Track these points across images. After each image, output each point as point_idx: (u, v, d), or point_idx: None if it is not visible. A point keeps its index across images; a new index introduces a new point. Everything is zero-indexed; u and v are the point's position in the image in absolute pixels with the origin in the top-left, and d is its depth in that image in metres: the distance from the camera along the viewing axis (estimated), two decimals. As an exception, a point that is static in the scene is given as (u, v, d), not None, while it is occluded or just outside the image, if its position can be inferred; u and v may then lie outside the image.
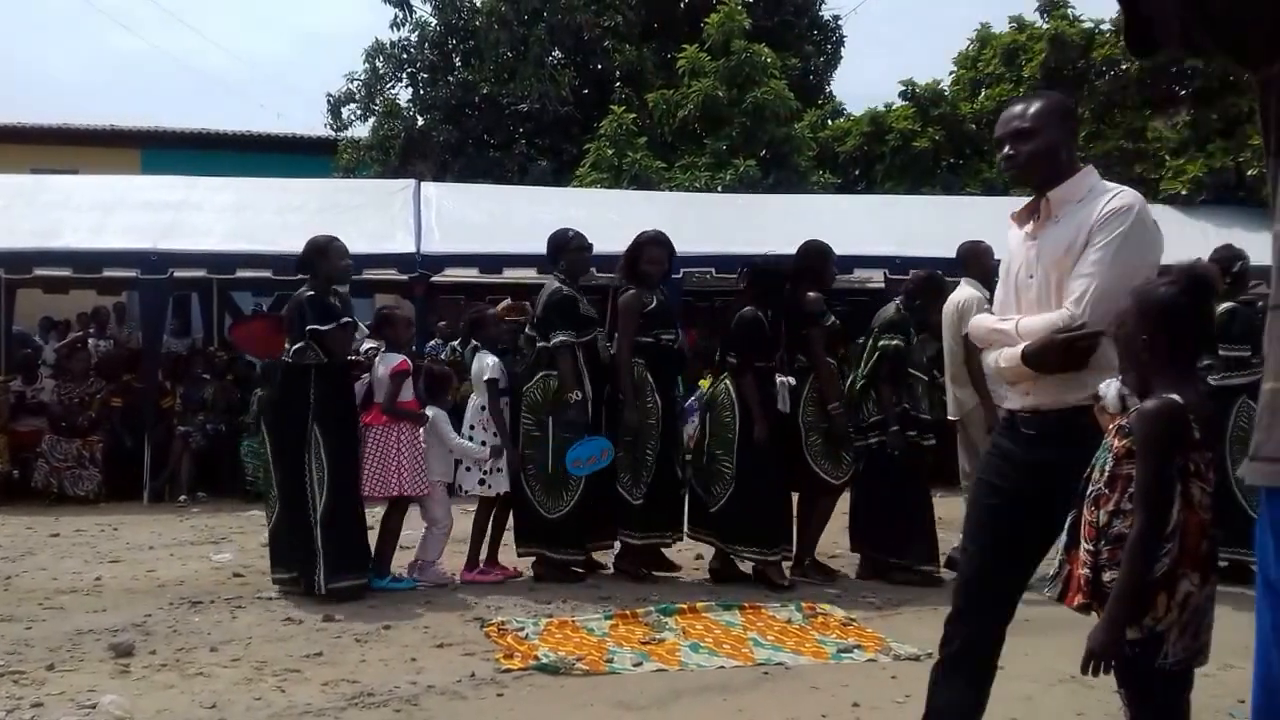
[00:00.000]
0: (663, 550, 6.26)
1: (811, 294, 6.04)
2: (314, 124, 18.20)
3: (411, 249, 9.55)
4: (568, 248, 6.17)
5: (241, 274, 9.77)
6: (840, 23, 19.71)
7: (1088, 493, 2.62)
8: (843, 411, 5.97)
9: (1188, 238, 9.27)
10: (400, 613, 5.27)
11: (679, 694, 4.14)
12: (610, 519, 6.03)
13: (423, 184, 11.24)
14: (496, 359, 6.15)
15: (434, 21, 17.75)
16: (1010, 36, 16.99)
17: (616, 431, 5.92)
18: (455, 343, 10.35)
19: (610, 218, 10.60)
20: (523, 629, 4.92)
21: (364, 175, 16.67)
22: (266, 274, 9.44)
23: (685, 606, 5.28)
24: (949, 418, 6.38)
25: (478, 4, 17.47)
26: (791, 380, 5.94)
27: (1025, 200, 3.16)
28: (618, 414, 5.94)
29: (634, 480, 5.93)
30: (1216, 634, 2.56)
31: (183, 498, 9.29)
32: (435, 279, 10.08)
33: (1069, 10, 16.58)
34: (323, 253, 5.88)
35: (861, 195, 15.05)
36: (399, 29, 17.71)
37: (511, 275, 10.34)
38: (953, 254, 6.61)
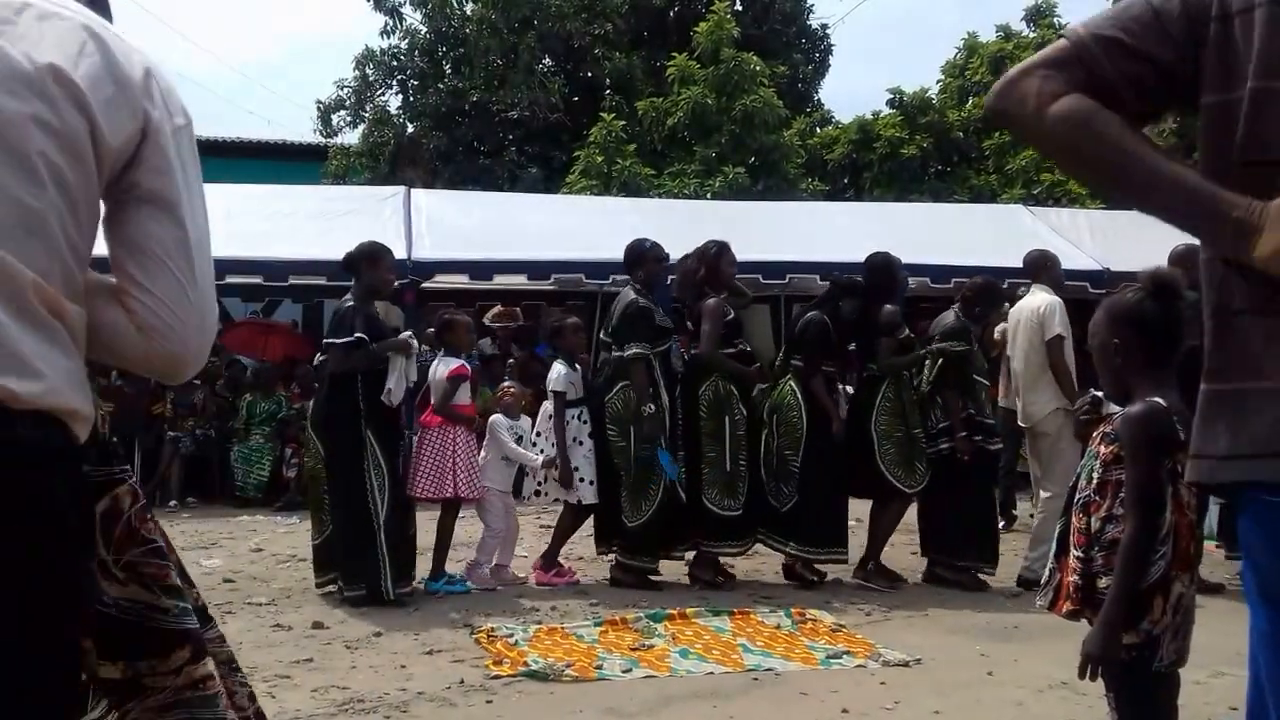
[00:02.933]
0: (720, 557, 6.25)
1: (888, 306, 6.14)
2: (304, 131, 18.17)
3: (402, 256, 9.51)
4: (645, 258, 6.17)
5: (231, 280, 9.75)
6: (828, 31, 19.79)
7: (1075, 500, 2.64)
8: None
9: (1174, 242, 9.31)
10: (390, 620, 5.26)
11: (668, 700, 4.14)
12: (683, 529, 6.05)
13: (413, 191, 11.22)
14: (567, 369, 6.16)
15: (424, 29, 17.76)
16: (997, 45, 17.12)
17: (697, 439, 5.97)
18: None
19: (600, 225, 10.63)
20: (512, 635, 4.91)
21: (354, 182, 16.66)
22: (257, 280, 9.42)
23: (675, 612, 5.28)
24: (1020, 424, 6.42)
25: (468, 11, 17.49)
26: (849, 388, 6.06)
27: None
28: (692, 424, 5.99)
29: (728, 493, 5.95)
30: (1208, 641, 2.58)
31: (173, 503, 9.27)
32: (425, 285, 10.07)
33: (1055, 19, 16.73)
34: (374, 262, 5.83)
35: (850, 202, 15.10)
36: (389, 36, 17.74)
37: (502, 282, 10.35)
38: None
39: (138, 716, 1.79)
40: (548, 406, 6.22)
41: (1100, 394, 2.71)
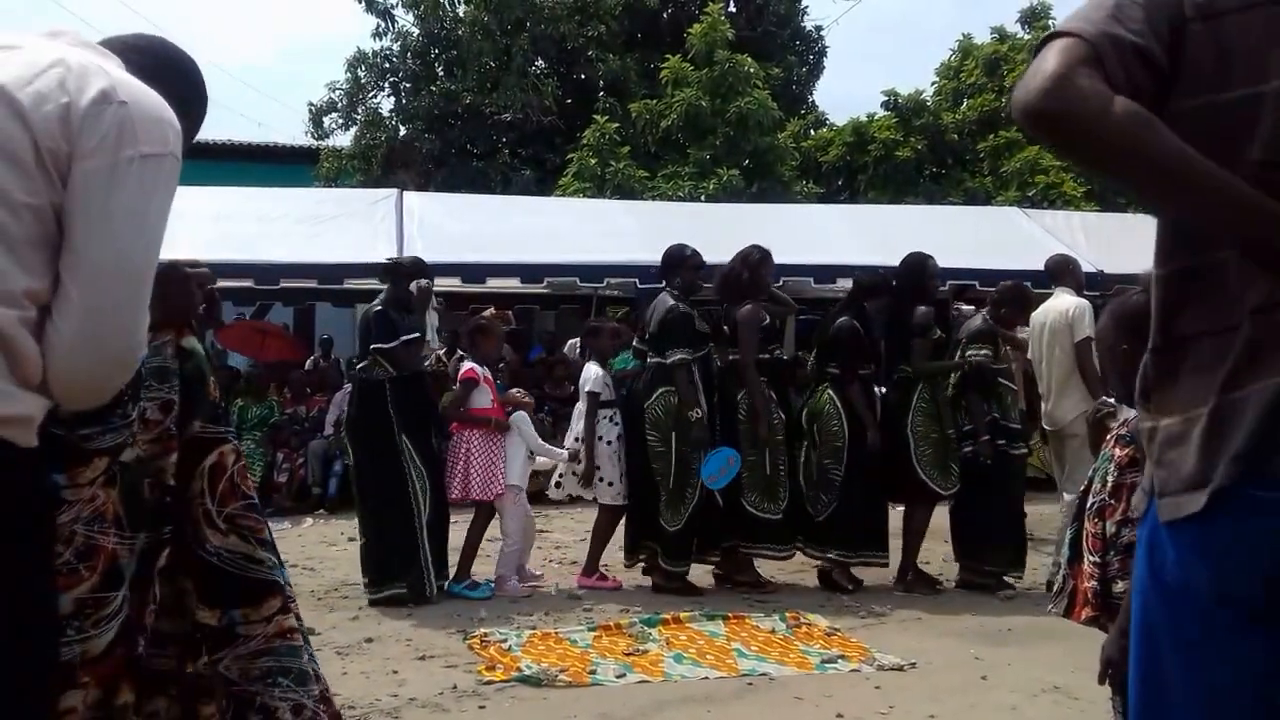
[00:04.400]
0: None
1: (921, 308, 6.12)
2: (295, 133, 18.08)
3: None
4: (685, 264, 6.17)
5: (223, 284, 9.63)
6: (823, 33, 19.77)
7: (1089, 505, 2.61)
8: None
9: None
10: (382, 625, 5.23)
11: (662, 705, 4.12)
12: (716, 532, 6.04)
13: (405, 193, 11.19)
14: (602, 371, 6.23)
15: (416, 31, 17.71)
16: (992, 47, 17.14)
17: (738, 444, 5.96)
18: (440, 351, 10.31)
19: (593, 228, 10.61)
20: (505, 640, 4.89)
21: (346, 185, 16.62)
22: (248, 284, 9.38)
23: (669, 617, 5.26)
24: (1045, 428, 6.40)
25: (460, 13, 17.45)
26: (883, 389, 6.06)
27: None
28: (730, 427, 5.98)
29: (768, 496, 5.95)
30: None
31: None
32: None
33: (1050, 21, 16.74)
34: (413, 276, 6.00)
35: (844, 205, 15.10)
36: (381, 38, 17.68)
37: (494, 285, 10.31)
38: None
39: (229, 664, 1.95)
40: (580, 407, 6.29)
41: (1113, 400, 2.69)
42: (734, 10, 18.00)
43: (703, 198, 13.90)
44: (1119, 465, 2.54)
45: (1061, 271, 6.56)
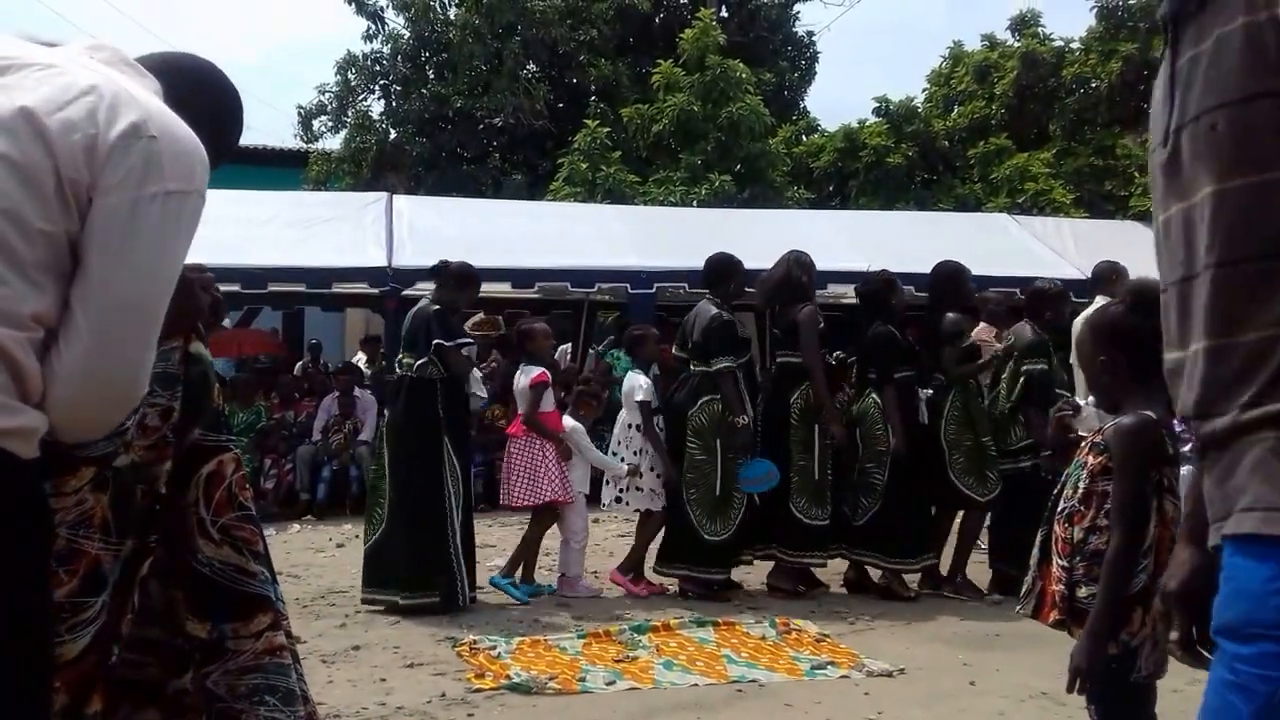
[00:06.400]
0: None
1: (951, 315, 6.15)
2: (284, 136, 18.00)
3: (383, 263, 9.48)
4: (735, 273, 6.20)
5: (211, 288, 9.66)
6: (814, 39, 19.79)
7: (1059, 509, 2.64)
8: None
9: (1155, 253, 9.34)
10: (369, 632, 5.20)
11: (652, 712, 4.11)
12: (752, 538, 6.04)
13: (395, 197, 11.16)
14: (649, 380, 6.22)
15: (407, 34, 17.66)
16: (982, 55, 17.19)
17: (787, 449, 5.95)
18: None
19: (584, 232, 10.59)
20: (494, 648, 4.86)
21: (335, 188, 16.55)
22: (235, 288, 9.33)
23: (659, 624, 5.25)
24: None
25: (451, 16, 17.42)
26: (929, 391, 6.07)
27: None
28: (772, 432, 5.99)
29: (816, 502, 5.93)
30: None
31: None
32: (407, 293, 10.00)
33: (1040, 29, 16.81)
34: (466, 283, 6.02)
35: (835, 211, 15.11)
36: (371, 41, 17.61)
37: (485, 290, 10.22)
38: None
39: (217, 679, 1.93)
40: (624, 416, 6.27)
41: (1081, 401, 2.72)
42: (726, 16, 18.02)
43: (694, 203, 13.90)
44: (1091, 473, 2.56)
45: (1107, 280, 6.48)
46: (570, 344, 11.45)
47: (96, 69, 1.57)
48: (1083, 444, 2.68)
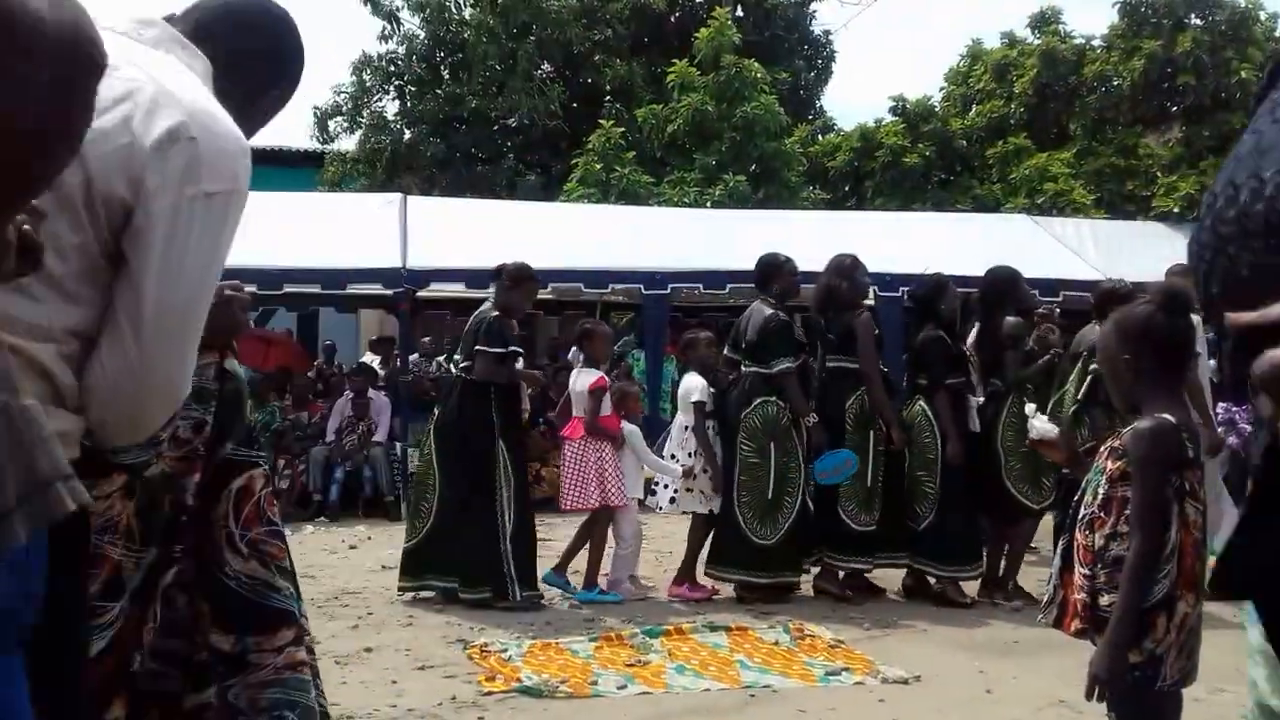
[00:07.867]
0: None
1: (1010, 319, 6.10)
2: (300, 137, 18.05)
3: (397, 264, 9.48)
4: (781, 272, 6.14)
5: (226, 289, 9.66)
6: (831, 38, 19.75)
7: (1080, 516, 2.60)
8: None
9: (1180, 255, 9.22)
10: (381, 634, 5.19)
11: (664, 717, 4.08)
12: (810, 543, 6.01)
13: (409, 198, 11.17)
14: (704, 381, 6.17)
15: (422, 34, 17.71)
16: (1001, 53, 17.06)
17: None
18: (441, 358, 10.28)
19: (598, 233, 10.56)
20: (505, 651, 4.84)
21: (350, 189, 16.60)
22: (251, 289, 9.29)
23: (671, 628, 5.22)
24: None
25: (466, 17, 17.45)
26: (980, 399, 6.02)
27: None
28: (835, 436, 5.93)
29: (864, 508, 5.89)
30: (1207, 658, 2.55)
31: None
32: (421, 294, 10.01)
33: (1060, 26, 16.66)
34: (519, 283, 6.04)
35: (851, 211, 15.05)
36: (386, 41, 17.67)
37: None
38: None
39: (239, 692, 1.95)
40: (680, 419, 6.25)
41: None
42: (741, 15, 17.97)
43: (709, 204, 13.87)
44: (1110, 479, 2.53)
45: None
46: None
47: (139, 61, 1.55)
48: (1102, 449, 2.64)
